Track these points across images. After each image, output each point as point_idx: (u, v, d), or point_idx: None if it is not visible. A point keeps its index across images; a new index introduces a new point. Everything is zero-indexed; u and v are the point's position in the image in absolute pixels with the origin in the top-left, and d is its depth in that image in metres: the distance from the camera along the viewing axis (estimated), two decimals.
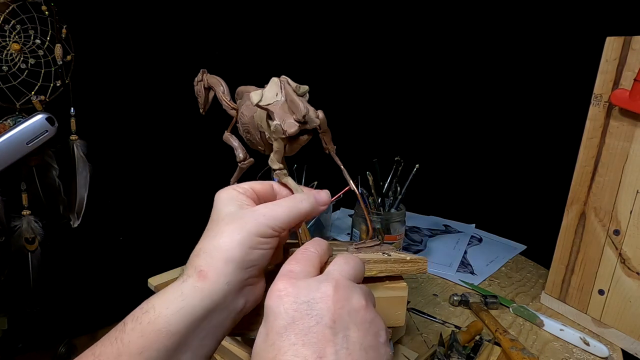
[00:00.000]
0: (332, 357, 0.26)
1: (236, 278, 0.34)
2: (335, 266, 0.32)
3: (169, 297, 0.33)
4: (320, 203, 0.39)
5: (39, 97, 0.68)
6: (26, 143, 0.62)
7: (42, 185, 0.71)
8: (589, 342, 0.61)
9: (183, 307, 0.32)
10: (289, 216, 0.36)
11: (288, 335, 0.27)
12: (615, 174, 0.61)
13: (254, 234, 0.34)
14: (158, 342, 0.31)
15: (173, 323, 0.32)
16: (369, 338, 0.29)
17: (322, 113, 0.47)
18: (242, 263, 0.34)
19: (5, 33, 0.64)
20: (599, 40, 0.61)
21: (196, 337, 0.33)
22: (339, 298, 0.29)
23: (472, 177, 1.15)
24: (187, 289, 0.33)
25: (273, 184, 0.41)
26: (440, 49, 1.16)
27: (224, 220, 0.35)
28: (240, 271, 0.34)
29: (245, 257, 0.34)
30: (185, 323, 0.32)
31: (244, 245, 0.34)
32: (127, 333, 0.32)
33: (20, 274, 0.71)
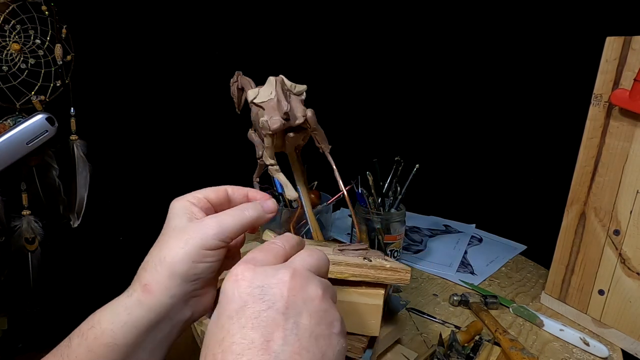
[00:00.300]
0: (280, 342, 0.26)
1: (181, 291, 0.34)
2: (298, 257, 0.32)
3: (114, 311, 0.33)
4: (267, 211, 0.39)
5: (39, 97, 0.68)
6: (26, 143, 0.62)
7: (42, 185, 0.71)
8: (589, 342, 0.61)
9: (128, 322, 0.33)
10: (235, 225, 0.36)
11: (239, 318, 0.27)
12: (615, 174, 0.61)
13: (199, 246, 0.34)
14: (105, 356, 0.32)
15: (119, 337, 0.32)
16: (321, 327, 0.28)
17: (311, 112, 0.47)
18: (187, 277, 0.34)
19: (5, 33, 0.64)
20: (599, 40, 0.61)
21: (143, 349, 0.34)
22: (295, 285, 0.29)
23: (472, 177, 1.15)
24: (132, 303, 0.33)
25: (228, 189, 0.41)
26: (440, 49, 1.16)
27: (171, 232, 0.36)
28: (185, 284, 0.34)
29: (189, 270, 0.34)
30: (130, 337, 0.33)
31: (189, 259, 0.34)
32: (73, 349, 0.32)
33: (20, 274, 0.71)
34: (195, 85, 0.94)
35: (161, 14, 0.86)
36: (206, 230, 0.35)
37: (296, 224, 0.77)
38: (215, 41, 0.96)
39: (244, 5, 0.99)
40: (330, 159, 0.50)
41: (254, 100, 0.48)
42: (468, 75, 1.12)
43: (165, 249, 0.35)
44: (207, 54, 0.95)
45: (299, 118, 0.45)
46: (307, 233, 0.78)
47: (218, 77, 0.98)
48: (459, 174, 1.18)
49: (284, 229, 0.80)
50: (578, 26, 0.89)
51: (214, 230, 0.35)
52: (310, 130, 0.49)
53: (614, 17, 0.82)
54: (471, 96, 1.13)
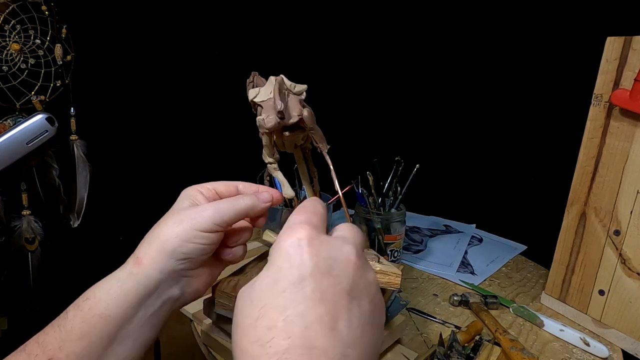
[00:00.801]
0: (345, 323, 0.25)
1: (169, 267, 0.36)
2: (350, 233, 0.31)
3: (109, 282, 0.35)
4: (262, 200, 0.40)
5: (39, 97, 0.68)
6: (26, 143, 0.62)
7: (42, 185, 0.71)
8: (589, 342, 0.61)
9: (119, 293, 0.34)
10: (230, 210, 0.37)
11: (304, 288, 0.25)
12: (616, 174, 0.61)
13: (192, 227, 0.36)
14: (98, 326, 0.33)
15: (111, 307, 0.34)
16: (375, 315, 0.27)
17: (307, 111, 0.47)
18: (176, 254, 0.36)
19: (5, 33, 0.64)
20: (599, 40, 0.61)
21: (134, 323, 0.35)
22: (360, 266, 0.28)
23: (472, 177, 1.15)
24: (124, 275, 0.35)
25: (239, 184, 0.42)
26: (440, 49, 1.16)
27: (171, 213, 0.38)
28: (174, 261, 0.36)
29: (178, 248, 0.36)
30: (122, 308, 0.34)
31: (180, 237, 0.36)
32: (69, 320, 0.33)
33: (20, 274, 0.71)
34: (196, 85, 0.94)
35: (161, 13, 0.86)
36: (201, 212, 0.37)
37: None
38: (216, 41, 0.96)
39: (244, 5, 0.99)
40: (328, 159, 0.50)
41: (253, 99, 0.49)
42: (468, 76, 1.12)
43: (161, 227, 0.37)
44: (208, 53, 0.95)
45: (294, 117, 0.46)
46: None
47: (218, 77, 0.99)
48: (459, 174, 1.17)
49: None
50: (578, 26, 0.89)
51: (208, 213, 0.37)
52: (308, 130, 0.49)
53: (614, 17, 0.82)
54: (471, 96, 1.13)
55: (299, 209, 0.31)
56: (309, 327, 0.24)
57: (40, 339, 0.33)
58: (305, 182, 0.56)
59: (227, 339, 0.54)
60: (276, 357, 0.23)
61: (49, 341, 0.33)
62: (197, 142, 0.95)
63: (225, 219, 0.37)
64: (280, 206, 0.83)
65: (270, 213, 0.84)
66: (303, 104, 0.49)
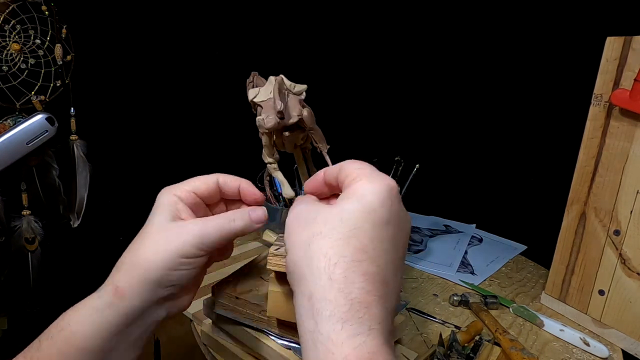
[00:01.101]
0: (400, 274, 0.30)
1: (154, 296, 0.33)
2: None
3: (85, 312, 0.32)
4: (255, 221, 0.37)
5: (39, 97, 0.68)
6: (26, 143, 0.62)
7: (42, 185, 0.71)
8: (589, 342, 0.61)
9: (100, 324, 0.32)
10: (218, 236, 0.35)
11: (387, 230, 0.29)
12: (616, 174, 0.61)
13: (176, 254, 0.33)
14: (77, 359, 0.31)
15: (89, 339, 0.31)
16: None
17: (307, 111, 0.47)
18: (161, 283, 0.33)
19: (5, 33, 0.64)
20: (599, 40, 0.61)
21: (116, 350, 0.33)
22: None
23: (472, 177, 1.15)
24: (103, 305, 0.32)
25: (219, 178, 0.39)
26: (440, 49, 1.16)
27: (151, 231, 0.35)
28: (159, 289, 0.33)
29: (163, 277, 0.33)
30: (102, 339, 0.32)
31: (164, 266, 0.33)
32: (43, 351, 0.31)
33: (20, 274, 0.71)
34: (196, 85, 0.94)
35: (161, 13, 0.86)
36: (186, 237, 0.34)
37: None
38: (216, 41, 0.96)
39: (244, 5, 0.99)
40: (328, 159, 0.50)
41: (253, 99, 0.49)
42: (468, 76, 1.12)
43: (142, 250, 0.34)
44: (207, 53, 0.95)
45: (293, 117, 0.46)
46: None
47: (218, 77, 0.99)
48: (459, 174, 1.17)
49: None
50: (578, 26, 0.89)
51: (194, 239, 0.34)
52: (307, 130, 0.49)
53: (614, 17, 0.82)
54: (471, 96, 1.13)
55: (367, 164, 0.32)
56: (388, 264, 0.28)
57: None
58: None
59: (227, 339, 0.54)
60: (362, 277, 0.26)
61: None
62: (197, 142, 0.95)
63: (211, 245, 0.34)
64: (280, 206, 0.83)
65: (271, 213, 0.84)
66: (303, 104, 0.49)
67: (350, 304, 0.25)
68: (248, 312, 0.48)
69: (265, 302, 0.46)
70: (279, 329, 0.47)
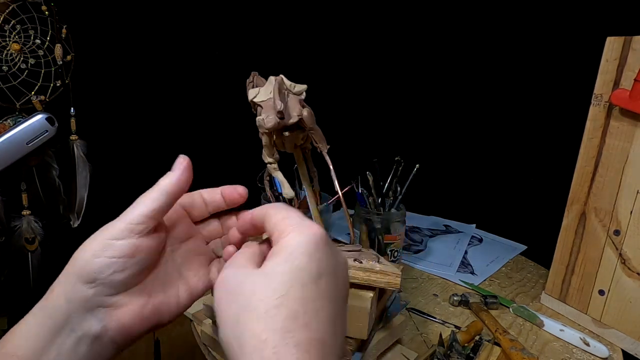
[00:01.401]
0: (340, 322, 0.28)
1: (78, 293, 0.28)
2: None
3: (25, 319, 0.30)
4: (182, 169, 0.33)
5: (39, 97, 0.68)
6: (26, 143, 0.62)
7: (42, 185, 0.71)
8: (589, 342, 0.61)
9: (30, 329, 0.29)
10: (148, 200, 0.30)
11: (320, 285, 0.27)
12: (616, 174, 0.61)
13: (104, 237, 0.29)
14: None
15: (22, 347, 0.28)
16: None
17: (307, 111, 0.47)
18: (82, 275, 0.28)
19: (5, 33, 0.64)
20: (599, 40, 0.61)
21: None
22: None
23: (472, 177, 1.15)
24: (37, 308, 0.30)
25: (203, 194, 0.36)
26: (440, 49, 1.16)
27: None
28: (81, 285, 0.28)
29: (85, 266, 0.28)
30: (32, 348, 0.28)
31: (87, 254, 0.29)
32: None
33: (20, 274, 0.71)
34: (196, 85, 0.94)
35: (161, 13, 0.86)
36: (117, 221, 0.30)
37: None
38: (216, 41, 0.96)
39: (244, 5, 0.99)
40: (328, 159, 0.50)
41: (253, 99, 0.49)
42: (468, 76, 1.12)
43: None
44: (207, 53, 0.95)
45: (293, 117, 0.46)
46: None
47: (218, 77, 0.99)
48: (459, 174, 1.17)
49: None
50: (578, 26, 0.89)
51: (123, 215, 0.30)
52: (307, 129, 0.49)
53: (614, 17, 0.82)
54: (471, 96, 1.13)
55: (293, 211, 0.30)
56: (324, 323, 0.26)
57: None
58: (305, 182, 0.56)
59: None
60: (296, 348, 0.24)
61: None
62: (197, 142, 0.95)
63: (145, 213, 0.29)
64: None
65: None
66: (303, 104, 0.49)
67: None
68: None
69: None
70: None
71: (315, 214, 0.56)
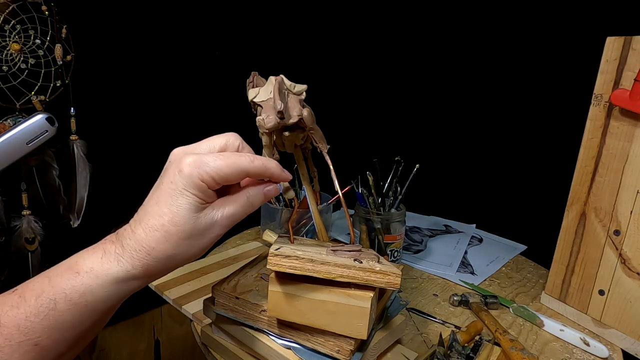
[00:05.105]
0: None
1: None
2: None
3: (105, 280, 0.33)
4: (268, 198, 0.38)
5: (39, 97, 0.68)
6: (26, 143, 0.62)
7: (42, 185, 0.71)
8: (589, 342, 0.61)
9: (117, 294, 0.33)
10: (243, 213, 0.36)
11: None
12: (616, 174, 0.61)
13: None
14: (92, 321, 0.33)
15: (106, 302, 0.33)
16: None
17: (307, 111, 0.47)
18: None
19: (5, 33, 0.64)
20: (599, 40, 0.61)
21: (111, 312, 0.35)
22: None
23: (472, 177, 1.15)
24: (125, 277, 0.33)
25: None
26: (440, 49, 1.16)
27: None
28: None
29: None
30: (114, 306, 0.34)
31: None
32: (60, 310, 0.31)
33: (20, 274, 0.71)
34: (196, 85, 0.94)
35: (161, 13, 0.86)
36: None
37: (296, 223, 0.77)
38: (216, 41, 0.96)
39: (244, 5, 0.99)
40: (328, 159, 0.50)
41: (253, 99, 0.49)
42: (468, 76, 1.12)
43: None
44: (207, 53, 0.95)
45: (293, 117, 0.46)
46: (308, 233, 0.78)
47: (218, 77, 0.99)
48: (459, 174, 1.18)
49: (283, 229, 0.80)
50: (578, 26, 0.89)
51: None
52: (307, 129, 0.49)
53: (614, 17, 0.82)
54: (471, 96, 1.13)
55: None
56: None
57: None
58: (305, 182, 0.56)
59: (227, 339, 0.54)
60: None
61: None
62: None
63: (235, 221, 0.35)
64: (279, 206, 0.83)
65: (271, 213, 0.84)
66: (303, 104, 0.49)
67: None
68: (248, 312, 0.48)
69: (265, 302, 0.46)
70: (279, 329, 0.47)
71: (315, 214, 0.56)
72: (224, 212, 0.35)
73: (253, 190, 0.37)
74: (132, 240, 0.33)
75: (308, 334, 0.45)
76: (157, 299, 0.67)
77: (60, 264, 0.33)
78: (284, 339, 0.47)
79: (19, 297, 0.32)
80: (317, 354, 0.45)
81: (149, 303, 0.94)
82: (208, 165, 0.33)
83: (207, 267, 0.76)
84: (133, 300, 0.37)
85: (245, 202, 0.36)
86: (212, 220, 0.34)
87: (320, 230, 0.56)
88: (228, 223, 0.35)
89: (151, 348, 0.99)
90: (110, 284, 0.32)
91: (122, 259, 0.33)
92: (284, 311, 0.43)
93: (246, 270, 0.55)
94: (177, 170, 0.33)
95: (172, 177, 0.33)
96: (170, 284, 0.69)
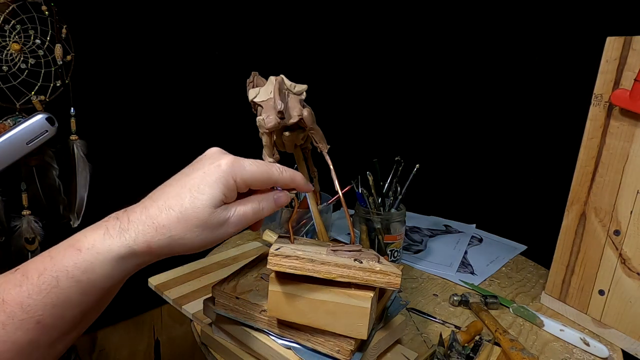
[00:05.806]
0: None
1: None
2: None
3: (107, 257, 0.34)
4: (279, 206, 0.40)
5: (39, 97, 0.68)
6: (26, 143, 0.62)
7: (42, 185, 0.71)
8: (589, 342, 0.61)
9: (120, 272, 0.34)
10: (253, 219, 0.38)
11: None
12: (616, 174, 0.61)
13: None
14: (97, 299, 0.34)
15: (108, 280, 0.34)
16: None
17: (307, 111, 0.47)
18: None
19: (5, 33, 0.64)
20: (599, 40, 0.61)
21: (113, 292, 0.36)
22: None
23: (472, 177, 1.15)
24: (127, 254, 0.34)
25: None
26: (440, 49, 1.16)
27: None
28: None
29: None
30: (116, 284, 0.35)
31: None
32: (62, 287, 0.32)
33: None
34: (196, 85, 0.94)
35: (161, 13, 0.86)
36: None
37: (296, 223, 0.77)
38: (216, 41, 0.96)
39: (244, 5, 0.99)
40: (328, 159, 0.50)
41: (254, 99, 0.49)
42: (468, 76, 1.12)
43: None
44: (207, 53, 0.95)
45: (294, 117, 0.46)
46: (308, 233, 0.78)
47: (218, 77, 0.99)
48: (459, 174, 1.18)
49: (283, 229, 0.80)
50: (578, 26, 0.89)
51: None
52: (307, 129, 0.50)
53: (614, 17, 0.82)
54: (471, 96, 1.13)
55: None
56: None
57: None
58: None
59: (227, 339, 0.54)
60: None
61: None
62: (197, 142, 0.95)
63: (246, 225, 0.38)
64: None
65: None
66: (303, 104, 0.49)
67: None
68: (248, 312, 0.48)
69: (265, 302, 0.46)
70: (279, 329, 0.47)
71: (315, 214, 0.56)
72: (235, 212, 0.36)
73: (264, 197, 0.39)
74: (144, 215, 0.34)
75: (308, 334, 0.45)
76: (157, 299, 0.67)
77: (62, 242, 0.34)
78: (284, 339, 0.47)
79: (21, 275, 0.32)
80: (317, 354, 0.45)
81: (149, 303, 0.94)
82: (244, 168, 0.36)
83: (207, 267, 0.76)
84: (133, 300, 0.37)
85: (256, 207, 0.38)
86: (224, 218, 0.36)
87: (320, 230, 0.56)
88: (237, 222, 0.36)
89: (151, 348, 0.99)
90: (110, 261, 0.33)
91: (125, 233, 0.33)
92: (284, 311, 0.43)
93: (246, 270, 0.55)
94: (215, 164, 0.36)
95: (207, 168, 0.36)
96: (170, 284, 0.69)
